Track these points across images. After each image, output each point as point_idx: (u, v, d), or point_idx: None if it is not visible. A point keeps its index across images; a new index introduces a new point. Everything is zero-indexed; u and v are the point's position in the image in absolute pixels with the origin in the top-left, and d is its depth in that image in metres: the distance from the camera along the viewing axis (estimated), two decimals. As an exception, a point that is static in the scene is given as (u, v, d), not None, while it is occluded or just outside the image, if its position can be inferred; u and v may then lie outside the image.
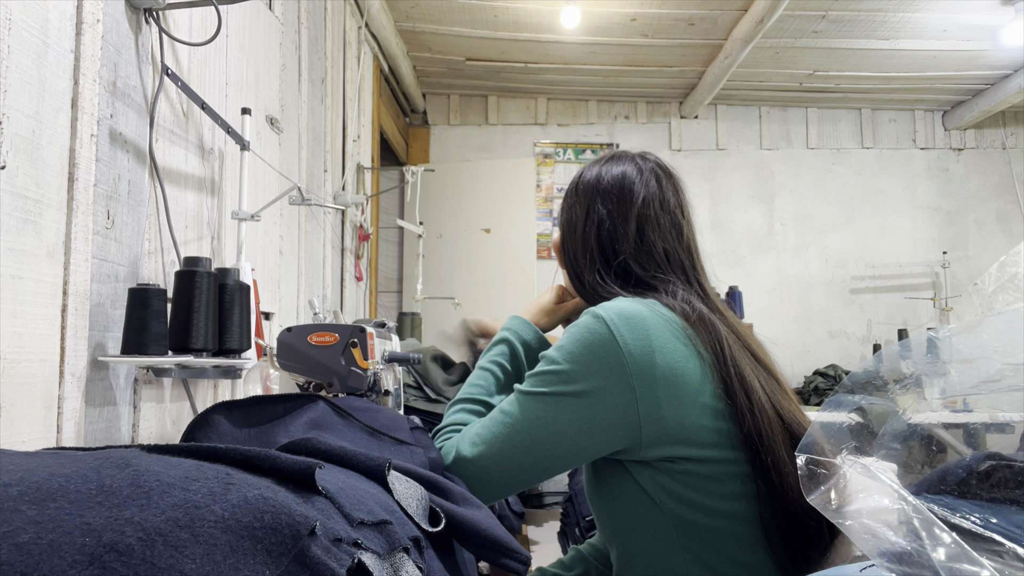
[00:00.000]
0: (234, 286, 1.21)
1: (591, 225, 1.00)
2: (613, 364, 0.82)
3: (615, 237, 0.98)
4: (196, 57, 1.42)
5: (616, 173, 1.02)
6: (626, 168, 1.03)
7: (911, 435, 0.93)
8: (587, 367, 0.83)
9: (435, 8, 3.15)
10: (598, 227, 0.99)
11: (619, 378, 0.82)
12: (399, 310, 4.00)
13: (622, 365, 0.82)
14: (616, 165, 1.03)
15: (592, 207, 1.00)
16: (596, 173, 1.03)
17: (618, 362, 0.82)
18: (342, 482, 0.62)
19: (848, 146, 4.36)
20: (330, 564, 0.48)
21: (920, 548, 0.51)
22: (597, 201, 1.01)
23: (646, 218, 0.99)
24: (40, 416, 0.94)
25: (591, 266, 0.99)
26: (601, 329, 0.84)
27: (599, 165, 1.04)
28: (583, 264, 1.00)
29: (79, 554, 0.39)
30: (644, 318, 0.85)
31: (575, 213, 1.02)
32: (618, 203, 0.99)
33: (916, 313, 4.21)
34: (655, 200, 1.01)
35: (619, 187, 1.01)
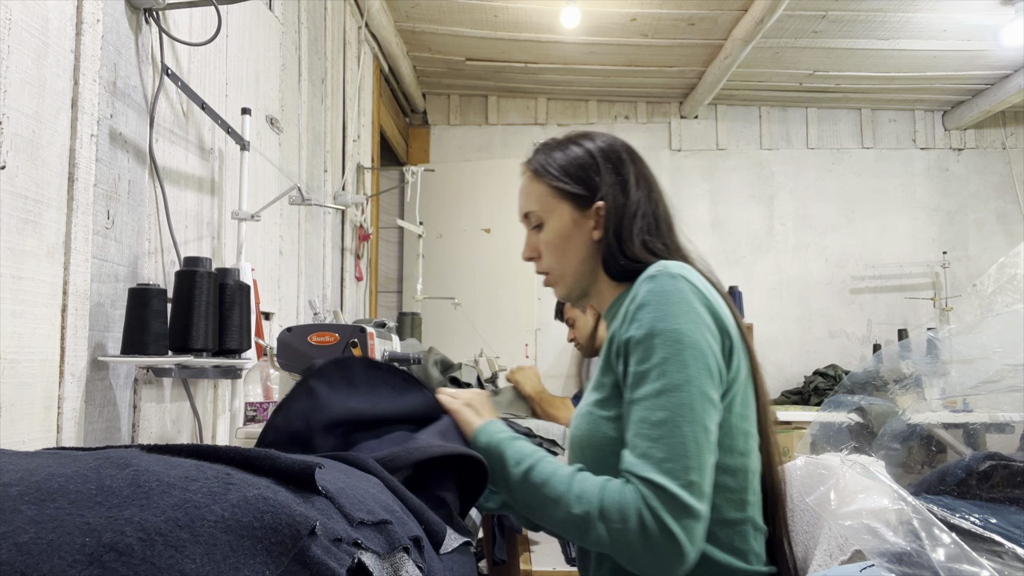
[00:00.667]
0: (234, 286, 1.22)
1: (638, 192, 1.01)
2: (705, 317, 0.87)
3: (651, 205, 1.02)
4: (196, 57, 1.42)
5: (619, 144, 1.05)
6: (616, 140, 1.06)
7: (911, 435, 0.93)
8: (693, 326, 0.86)
9: (435, 8, 3.15)
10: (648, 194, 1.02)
11: (711, 328, 0.87)
12: (399, 310, 4.01)
13: (710, 315, 0.88)
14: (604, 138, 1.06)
15: (630, 172, 1.02)
16: (607, 144, 1.04)
17: (708, 314, 0.87)
18: (342, 482, 0.62)
19: (848, 146, 4.36)
20: (330, 564, 0.48)
21: (920, 548, 0.51)
22: (629, 169, 1.03)
23: (654, 186, 1.05)
24: (40, 416, 0.94)
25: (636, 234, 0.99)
26: (686, 288, 0.88)
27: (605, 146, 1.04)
28: (629, 232, 0.99)
29: (79, 554, 0.39)
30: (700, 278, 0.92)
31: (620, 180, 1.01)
32: (638, 170, 1.04)
33: (916, 313, 4.21)
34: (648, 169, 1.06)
35: (631, 156, 1.05)
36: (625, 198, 1.00)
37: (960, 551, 0.50)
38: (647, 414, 0.83)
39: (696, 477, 0.79)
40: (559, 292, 1.08)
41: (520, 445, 0.94)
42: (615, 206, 1.00)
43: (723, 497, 0.89)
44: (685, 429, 0.81)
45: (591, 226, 1.02)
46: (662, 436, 0.81)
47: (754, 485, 0.92)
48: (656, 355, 0.84)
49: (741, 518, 0.90)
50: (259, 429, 1.42)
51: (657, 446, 0.81)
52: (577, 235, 1.02)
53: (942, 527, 0.53)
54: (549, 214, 1.04)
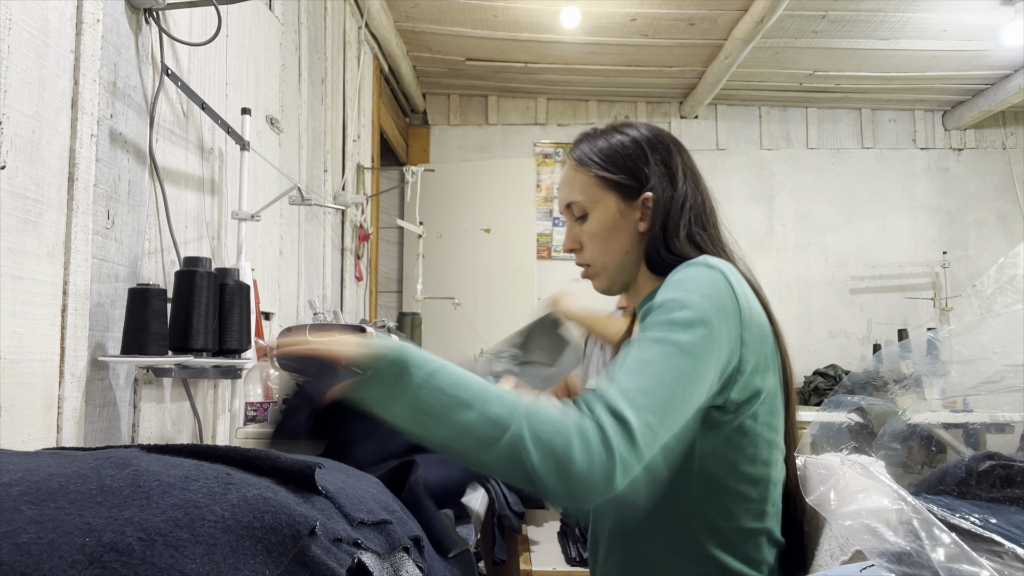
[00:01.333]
0: (234, 286, 1.21)
1: (685, 184, 0.98)
2: (732, 312, 0.84)
3: (699, 198, 1.00)
4: (196, 57, 1.42)
5: (665, 133, 1.02)
6: (662, 130, 1.03)
7: (911, 435, 0.93)
8: (716, 311, 0.83)
9: (435, 8, 3.15)
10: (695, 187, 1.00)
11: (734, 326, 0.84)
12: (399, 310, 4.00)
13: (738, 314, 0.85)
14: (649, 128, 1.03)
15: (678, 163, 0.99)
16: (653, 133, 1.01)
17: (735, 311, 0.85)
18: (342, 482, 0.62)
19: (848, 146, 4.36)
20: (330, 564, 0.48)
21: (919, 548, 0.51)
22: (677, 160, 1.00)
23: (700, 179, 1.03)
24: (40, 416, 0.94)
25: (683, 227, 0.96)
26: (720, 280, 0.86)
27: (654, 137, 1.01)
28: (675, 225, 0.96)
29: (79, 554, 0.39)
30: (740, 278, 0.90)
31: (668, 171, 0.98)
32: (685, 161, 1.01)
33: (916, 313, 4.21)
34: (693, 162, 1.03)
35: (678, 147, 1.02)
36: (673, 190, 0.97)
37: (960, 551, 0.50)
38: (637, 353, 0.79)
39: (654, 421, 0.73)
40: (600, 284, 1.04)
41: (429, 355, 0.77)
42: (663, 197, 0.97)
43: (742, 506, 0.87)
44: (666, 378, 0.76)
45: (637, 217, 0.98)
46: (642, 372, 0.76)
47: (774, 496, 0.91)
48: (671, 314, 0.81)
49: (758, 528, 0.88)
50: (259, 429, 1.42)
51: (632, 378, 0.75)
52: (623, 226, 0.99)
53: (942, 527, 0.53)
54: (594, 204, 1.00)
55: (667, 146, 1.01)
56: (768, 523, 0.89)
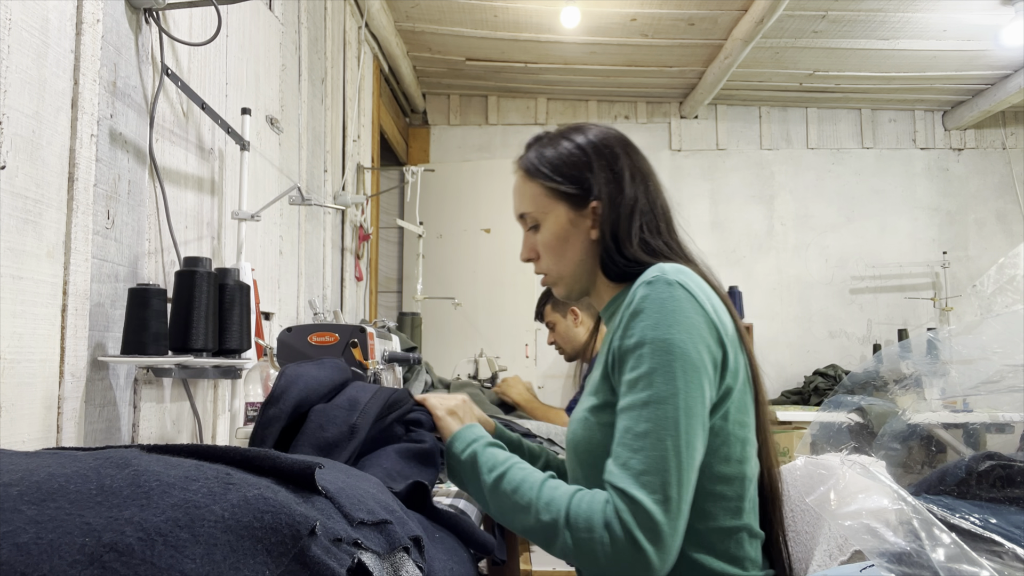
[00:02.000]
0: (234, 286, 1.22)
1: (634, 188, 0.97)
2: (704, 326, 0.84)
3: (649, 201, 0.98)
4: (196, 57, 1.42)
5: (612, 136, 1.01)
6: (609, 131, 1.02)
7: (911, 435, 0.93)
8: (689, 337, 0.83)
9: (435, 8, 3.15)
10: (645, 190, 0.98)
11: (702, 335, 0.84)
12: (399, 310, 4.00)
13: (710, 325, 0.85)
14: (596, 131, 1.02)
15: (624, 167, 0.98)
16: (599, 137, 1.00)
17: (706, 323, 0.85)
18: (342, 482, 0.62)
19: (848, 146, 4.36)
20: (330, 564, 0.48)
21: (919, 548, 0.51)
22: (624, 163, 0.99)
23: (651, 180, 1.01)
24: (40, 416, 0.94)
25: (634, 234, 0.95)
26: (682, 295, 0.85)
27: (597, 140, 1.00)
28: (626, 232, 0.95)
29: (79, 554, 0.39)
30: (700, 281, 0.89)
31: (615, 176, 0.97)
32: (634, 164, 1.00)
33: (916, 313, 4.21)
34: (645, 162, 1.03)
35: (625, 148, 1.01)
36: (620, 195, 0.96)
37: (960, 551, 0.50)
38: (631, 424, 0.81)
39: (673, 493, 0.77)
40: (559, 292, 1.06)
41: (493, 452, 0.93)
42: (611, 205, 0.96)
43: (719, 506, 0.88)
44: (667, 443, 0.79)
45: (588, 225, 0.98)
46: (643, 448, 0.79)
47: (751, 492, 0.91)
48: (644, 365, 0.82)
49: (737, 525, 0.89)
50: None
51: (637, 458, 0.79)
52: (574, 235, 0.99)
53: (942, 527, 0.53)
54: (545, 215, 1.01)
55: (613, 150, 0.99)
56: (746, 519, 0.90)
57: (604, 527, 0.77)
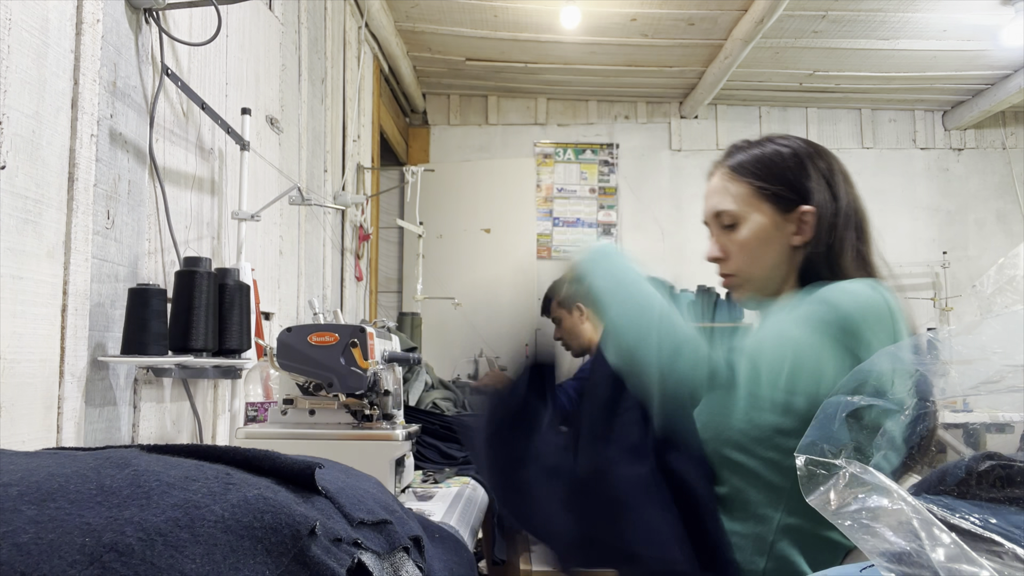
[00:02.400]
0: (234, 286, 1.22)
1: (847, 197, 0.97)
2: (888, 331, 0.85)
3: (860, 212, 0.98)
4: (196, 57, 1.42)
5: (823, 147, 1.01)
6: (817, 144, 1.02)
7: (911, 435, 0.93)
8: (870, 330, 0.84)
9: (435, 8, 3.15)
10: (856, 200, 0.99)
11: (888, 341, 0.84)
12: (399, 310, 4.00)
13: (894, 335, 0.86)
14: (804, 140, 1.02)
15: (839, 175, 0.98)
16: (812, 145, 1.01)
17: (891, 331, 0.86)
18: (342, 482, 0.62)
19: (848, 146, 4.36)
20: (330, 564, 0.48)
21: (919, 548, 0.51)
22: (837, 170, 0.99)
23: (857, 191, 1.01)
24: (40, 416, 0.94)
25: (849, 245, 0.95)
26: (882, 302, 0.87)
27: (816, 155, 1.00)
28: (840, 242, 0.95)
29: (79, 554, 0.39)
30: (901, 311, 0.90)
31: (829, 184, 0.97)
32: (844, 173, 1.00)
33: (916, 313, 4.21)
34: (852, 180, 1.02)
35: (836, 160, 1.01)
36: (836, 204, 0.95)
37: (960, 551, 0.50)
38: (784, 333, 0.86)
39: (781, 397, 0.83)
40: (741, 295, 1.03)
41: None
42: (827, 213, 0.94)
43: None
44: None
45: (792, 231, 0.96)
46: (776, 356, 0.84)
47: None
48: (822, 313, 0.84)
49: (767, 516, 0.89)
50: (259, 429, 1.42)
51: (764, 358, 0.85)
52: (776, 239, 0.97)
53: (942, 527, 0.53)
54: (747, 214, 0.98)
55: (827, 158, 0.98)
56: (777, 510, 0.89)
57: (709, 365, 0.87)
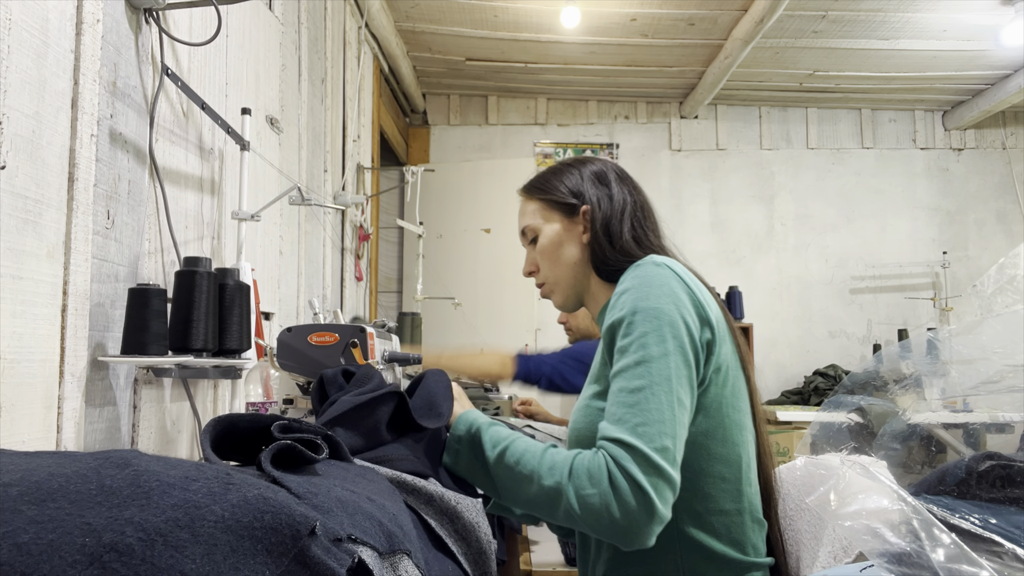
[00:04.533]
0: (234, 286, 1.21)
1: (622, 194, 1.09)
2: (682, 298, 0.90)
3: (638, 205, 1.09)
4: (196, 57, 1.42)
5: (609, 164, 1.15)
6: (607, 163, 1.15)
7: (911, 435, 0.93)
8: (675, 306, 0.88)
9: (435, 8, 3.15)
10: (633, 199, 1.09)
11: (687, 309, 0.89)
12: (399, 310, 4.00)
13: (693, 299, 0.91)
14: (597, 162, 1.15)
15: (612, 178, 1.11)
16: (596, 165, 1.13)
17: (690, 298, 0.90)
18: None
19: (848, 146, 4.36)
20: (330, 564, 0.48)
21: (919, 549, 0.51)
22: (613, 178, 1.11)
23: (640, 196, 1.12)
24: (40, 416, 0.94)
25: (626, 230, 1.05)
26: (668, 274, 0.92)
27: (591, 165, 1.13)
28: (617, 228, 1.05)
29: (79, 554, 0.39)
30: (686, 270, 0.96)
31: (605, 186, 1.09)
32: (624, 182, 1.11)
33: (916, 313, 4.21)
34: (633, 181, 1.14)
35: (619, 174, 1.13)
36: (609, 199, 1.07)
37: (960, 551, 0.50)
38: (625, 383, 0.85)
39: (669, 443, 0.80)
40: (556, 300, 1.13)
41: (496, 430, 0.96)
42: (600, 207, 1.07)
43: (719, 487, 0.90)
44: (661, 397, 0.82)
45: (580, 230, 1.08)
46: (638, 403, 0.82)
47: (750, 476, 0.94)
48: (636, 330, 0.87)
49: (737, 508, 0.91)
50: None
51: (632, 411, 0.82)
52: (568, 240, 1.08)
53: (942, 527, 0.53)
54: (542, 226, 1.11)
55: (605, 173, 1.12)
56: (746, 503, 0.92)
57: (607, 478, 0.79)
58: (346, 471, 0.72)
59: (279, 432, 0.66)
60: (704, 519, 0.90)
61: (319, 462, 0.65)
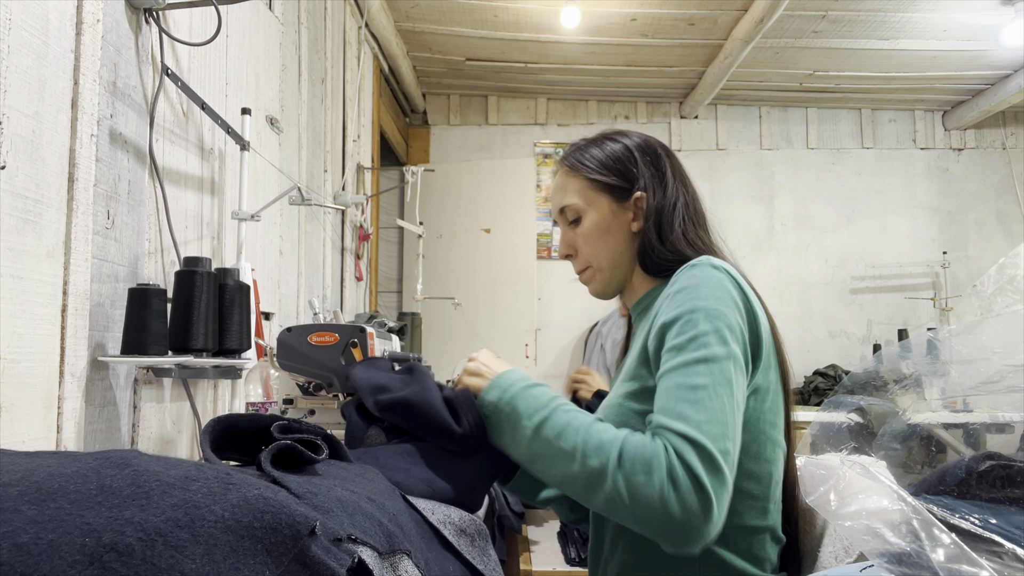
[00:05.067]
0: (234, 286, 1.21)
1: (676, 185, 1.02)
2: (739, 303, 0.86)
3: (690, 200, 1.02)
4: (196, 57, 1.42)
5: (654, 140, 1.06)
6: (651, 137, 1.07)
7: (911, 435, 0.93)
8: (728, 306, 0.84)
9: (435, 8, 3.15)
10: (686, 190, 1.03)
11: (743, 316, 0.86)
12: (399, 310, 4.00)
13: (749, 310, 0.87)
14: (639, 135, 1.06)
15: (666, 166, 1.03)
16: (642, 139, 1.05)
17: (743, 305, 0.86)
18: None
19: (848, 146, 4.36)
20: (330, 564, 0.48)
21: (919, 549, 0.51)
22: (666, 163, 1.03)
23: (690, 183, 1.06)
24: (40, 416, 0.94)
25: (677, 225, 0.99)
26: (727, 279, 0.87)
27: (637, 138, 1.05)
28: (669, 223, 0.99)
29: (79, 554, 0.39)
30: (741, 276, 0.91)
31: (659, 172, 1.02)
32: (674, 166, 1.04)
33: (916, 313, 4.21)
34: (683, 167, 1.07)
35: (667, 152, 1.05)
36: (663, 190, 1.00)
37: (960, 551, 0.50)
38: (685, 379, 0.79)
39: (731, 447, 0.75)
40: (595, 287, 1.05)
41: (535, 394, 0.86)
42: (654, 197, 0.99)
43: (746, 504, 0.87)
44: (724, 399, 0.77)
45: (630, 218, 1.01)
46: (700, 400, 0.76)
47: (776, 494, 0.91)
48: (697, 327, 0.82)
49: (762, 526, 0.89)
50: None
51: (695, 408, 0.76)
52: (616, 226, 1.01)
53: (942, 527, 0.53)
54: (587, 207, 1.02)
55: (655, 150, 1.04)
56: (770, 521, 0.90)
57: (667, 470, 0.73)
58: (346, 471, 0.72)
59: (279, 432, 0.66)
60: (728, 535, 0.85)
61: (319, 462, 0.65)
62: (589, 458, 0.77)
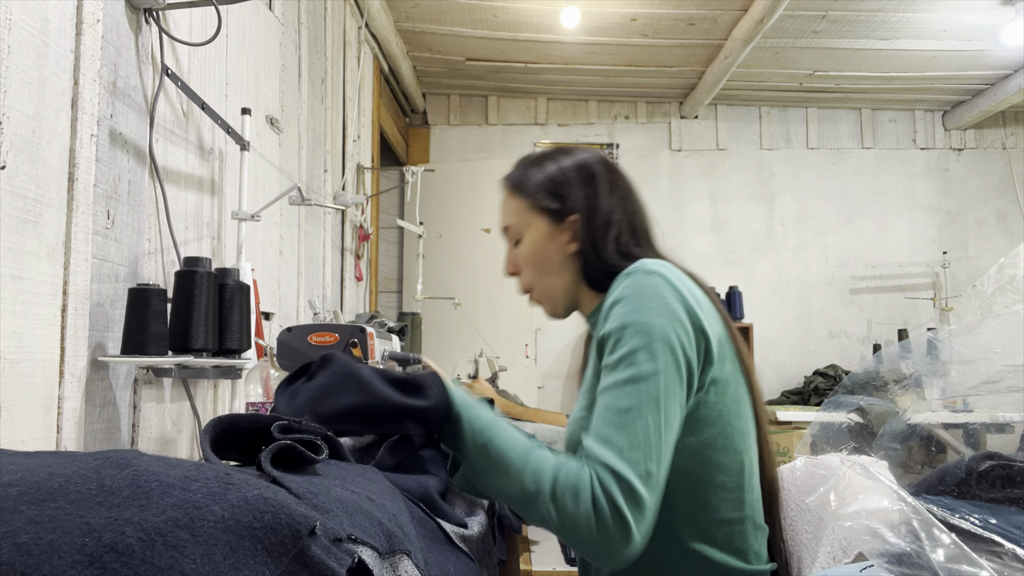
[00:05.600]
0: (234, 286, 1.21)
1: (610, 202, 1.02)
2: (675, 309, 0.86)
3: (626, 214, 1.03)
4: (196, 57, 1.42)
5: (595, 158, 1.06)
6: (594, 154, 1.07)
7: (911, 435, 0.93)
8: (668, 320, 0.85)
9: (435, 8, 3.15)
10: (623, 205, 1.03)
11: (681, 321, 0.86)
12: (399, 310, 4.00)
13: (688, 310, 0.87)
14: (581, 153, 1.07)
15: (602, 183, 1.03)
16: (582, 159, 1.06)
17: (684, 308, 0.87)
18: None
19: (848, 146, 4.36)
20: (330, 564, 0.48)
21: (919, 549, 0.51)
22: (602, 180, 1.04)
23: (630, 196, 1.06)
24: (40, 416, 0.94)
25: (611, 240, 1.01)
26: (660, 282, 0.88)
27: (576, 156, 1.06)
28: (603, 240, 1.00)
29: (79, 554, 0.39)
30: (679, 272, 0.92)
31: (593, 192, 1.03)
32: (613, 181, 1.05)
33: (916, 313, 4.21)
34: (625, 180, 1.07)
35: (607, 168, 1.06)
36: (597, 209, 1.01)
37: (960, 552, 0.50)
38: (613, 401, 0.83)
39: (654, 468, 0.80)
40: (547, 309, 1.08)
41: (478, 413, 0.91)
42: (588, 216, 1.01)
43: (720, 497, 0.89)
44: (648, 419, 0.81)
45: (566, 240, 1.02)
46: (625, 424, 0.81)
47: (752, 483, 0.92)
48: (626, 345, 0.85)
49: (739, 517, 0.90)
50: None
51: (619, 433, 0.81)
52: (552, 249, 1.03)
53: (942, 527, 0.53)
54: (525, 229, 1.04)
55: (591, 169, 1.04)
56: (748, 510, 0.91)
57: (591, 500, 0.78)
58: (346, 471, 0.72)
59: (279, 432, 0.66)
60: (706, 530, 0.89)
61: (319, 462, 0.65)
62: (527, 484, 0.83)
